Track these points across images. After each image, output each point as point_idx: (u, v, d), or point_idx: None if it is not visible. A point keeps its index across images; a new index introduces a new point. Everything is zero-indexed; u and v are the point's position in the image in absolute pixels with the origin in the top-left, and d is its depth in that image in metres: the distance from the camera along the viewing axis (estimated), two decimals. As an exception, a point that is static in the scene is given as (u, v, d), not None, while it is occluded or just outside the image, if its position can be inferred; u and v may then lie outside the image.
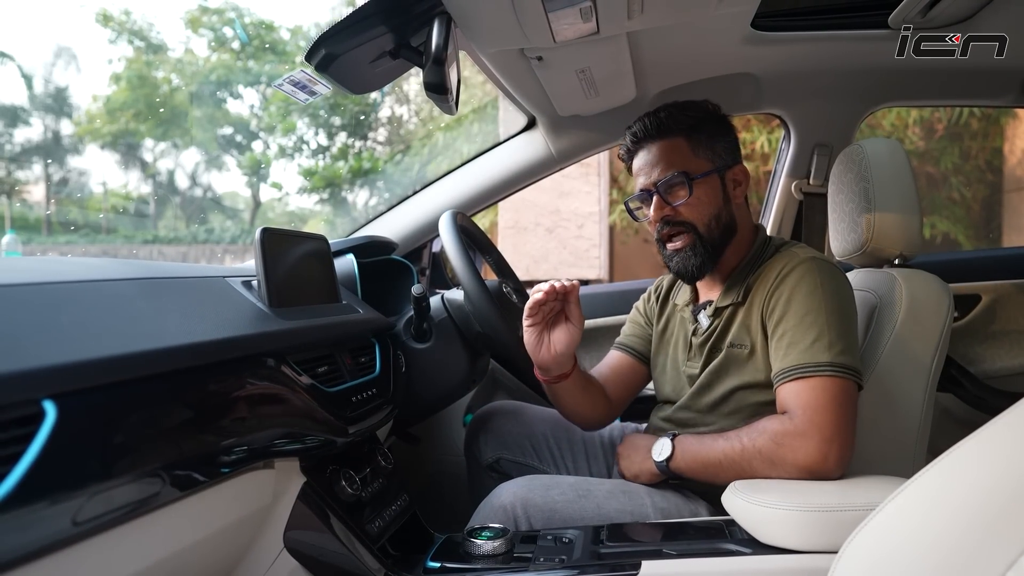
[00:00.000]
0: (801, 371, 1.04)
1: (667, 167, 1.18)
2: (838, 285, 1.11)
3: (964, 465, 0.54)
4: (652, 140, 1.20)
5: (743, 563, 0.90)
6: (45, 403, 0.55)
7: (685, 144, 1.18)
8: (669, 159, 1.18)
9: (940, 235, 5.82)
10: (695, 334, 1.23)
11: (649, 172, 1.19)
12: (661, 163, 1.18)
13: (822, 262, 1.13)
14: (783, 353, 1.07)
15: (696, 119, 1.20)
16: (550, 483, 1.15)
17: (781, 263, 1.13)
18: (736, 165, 1.22)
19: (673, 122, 1.19)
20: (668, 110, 1.20)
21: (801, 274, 1.10)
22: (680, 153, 1.18)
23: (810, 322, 1.06)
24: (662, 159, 1.18)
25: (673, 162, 1.18)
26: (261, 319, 0.90)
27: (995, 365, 1.78)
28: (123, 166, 8.75)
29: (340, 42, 1.04)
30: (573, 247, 6.24)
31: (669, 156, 1.18)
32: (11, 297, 0.65)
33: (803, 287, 1.08)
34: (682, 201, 1.17)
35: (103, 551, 0.61)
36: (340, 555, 0.93)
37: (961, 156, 6.01)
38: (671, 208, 1.18)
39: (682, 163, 1.17)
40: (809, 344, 1.04)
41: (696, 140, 1.19)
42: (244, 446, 0.77)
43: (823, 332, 1.04)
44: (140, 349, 0.66)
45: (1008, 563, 0.45)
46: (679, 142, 1.18)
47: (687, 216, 1.17)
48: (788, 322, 1.08)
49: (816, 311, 1.06)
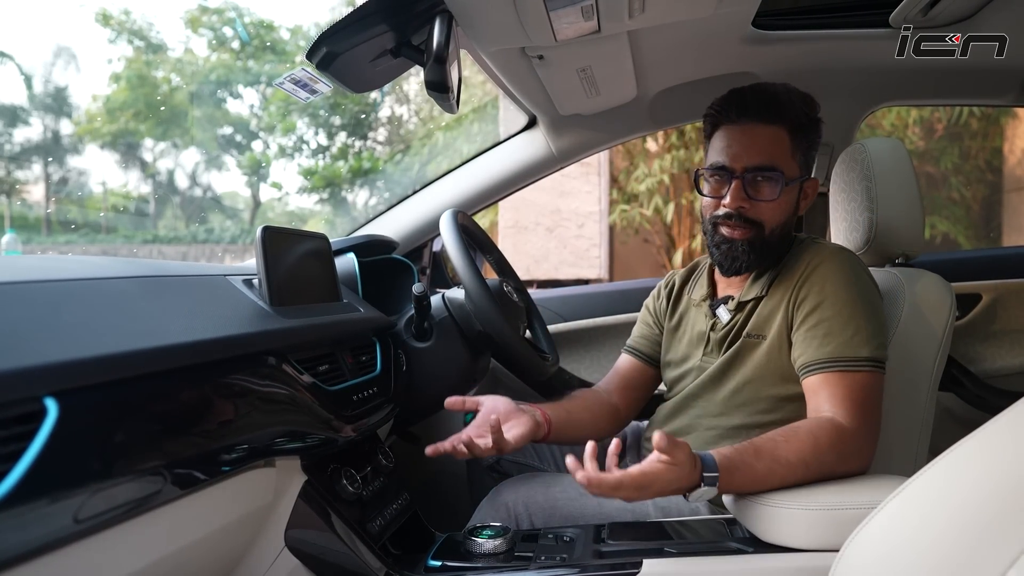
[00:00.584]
0: (842, 364, 1.01)
1: (764, 156, 1.09)
2: (870, 278, 1.11)
3: (965, 464, 0.55)
4: (756, 120, 1.10)
5: (744, 562, 0.90)
6: (47, 400, 0.55)
7: (787, 140, 1.10)
8: (769, 149, 1.09)
9: (940, 235, 5.83)
10: (714, 329, 1.21)
11: (741, 153, 1.10)
12: (759, 150, 1.09)
13: (851, 254, 1.12)
14: (819, 342, 1.04)
15: (804, 118, 1.12)
16: (550, 482, 1.15)
17: (808, 255, 1.12)
18: (812, 179, 1.18)
19: (785, 111, 1.10)
20: (785, 93, 1.10)
21: (835, 265, 1.08)
22: (781, 147, 1.10)
23: (849, 314, 1.04)
24: (763, 145, 1.09)
25: (773, 154, 1.09)
26: (262, 318, 0.90)
27: (996, 364, 1.78)
28: (123, 166, 8.75)
29: (341, 40, 1.03)
30: (573, 246, 6.24)
31: (770, 146, 1.09)
32: (13, 295, 0.65)
33: (838, 277, 1.07)
34: (767, 199, 1.10)
35: (105, 549, 0.61)
36: (341, 554, 0.93)
37: (961, 156, 6.01)
38: (750, 201, 1.11)
39: (780, 159, 1.10)
40: (849, 337, 1.02)
41: (797, 140, 1.12)
42: (245, 444, 0.76)
43: (862, 326, 1.03)
44: (141, 347, 0.66)
45: (1010, 561, 0.45)
46: (782, 135, 1.10)
47: (762, 215, 1.11)
48: (824, 311, 1.05)
49: (854, 303, 1.04)
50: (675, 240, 6.18)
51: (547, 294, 2.07)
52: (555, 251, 6.24)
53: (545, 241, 6.24)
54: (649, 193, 5.90)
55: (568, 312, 1.92)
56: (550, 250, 6.24)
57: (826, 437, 0.96)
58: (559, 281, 6.09)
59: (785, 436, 0.95)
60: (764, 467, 0.92)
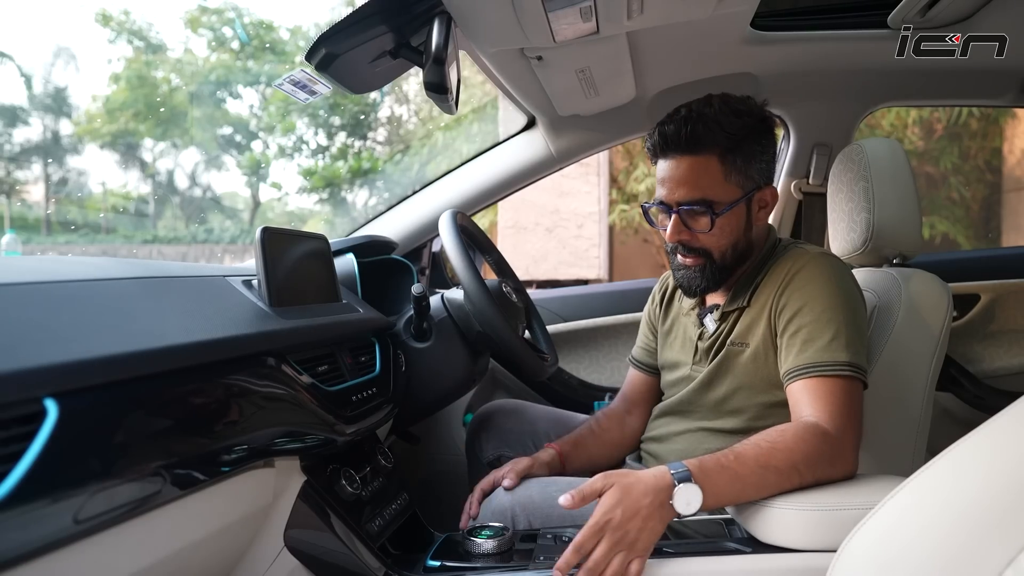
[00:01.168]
0: (820, 369, 1.01)
1: (692, 190, 1.09)
2: (852, 283, 1.11)
3: (962, 464, 0.55)
4: (682, 152, 1.10)
5: (742, 562, 0.90)
6: (47, 401, 0.55)
7: (718, 166, 1.09)
8: (696, 181, 1.09)
9: (939, 235, 5.83)
10: (701, 338, 1.22)
11: (672, 189, 1.11)
12: (687, 183, 1.09)
13: (833, 258, 1.12)
14: (798, 349, 1.04)
15: (737, 137, 1.08)
16: (549, 482, 1.15)
17: (789, 261, 1.12)
18: (767, 187, 1.14)
19: (710, 139, 1.08)
20: (706, 122, 1.08)
21: (815, 270, 1.08)
22: (710, 176, 1.09)
23: (827, 319, 1.03)
24: (689, 179, 1.09)
25: (700, 186, 1.09)
26: (261, 318, 0.90)
27: (994, 364, 1.79)
28: (122, 166, 8.75)
29: (340, 42, 1.04)
30: (573, 247, 6.24)
31: (697, 178, 1.09)
32: (12, 296, 0.65)
33: (818, 282, 1.07)
34: (702, 230, 1.11)
35: (104, 549, 0.61)
36: (340, 554, 0.93)
37: (960, 156, 6.01)
38: (689, 234, 1.12)
39: (710, 188, 1.09)
40: (828, 342, 1.02)
41: (730, 163, 1.09)
42: (245, 445, 0.77)
43: (840, 330, 1.03)
44: (141, 348, 0.66)
45: (1007, 560, 0.45)
46: (711, 163, 1.09)
47: (704, 244, 1.13)
48: (804, 317, 1.05)
49: (833, 308, 1.04)
50: (675, 240, 6.17)
51: (546, 294, 2.07)
52: (554, 251, 6.24)
53: (544, 241, 6.24)
54: (649, 193, 5.91)
55: (567, 312, 1.92)
56: (549, 250, 6.24)
57: (809, 436, 0.94)
58: (558, 281, 6.10)
59: (767, 438, 0.94)
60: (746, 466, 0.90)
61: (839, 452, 0.96)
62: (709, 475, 0.88)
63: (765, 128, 1.13)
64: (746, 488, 0.90)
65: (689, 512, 0.86)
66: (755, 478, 0.89)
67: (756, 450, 0.92)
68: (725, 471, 0.89)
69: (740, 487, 0.89)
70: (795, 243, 1.20)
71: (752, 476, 0.89)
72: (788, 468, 0.91)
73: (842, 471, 0.96)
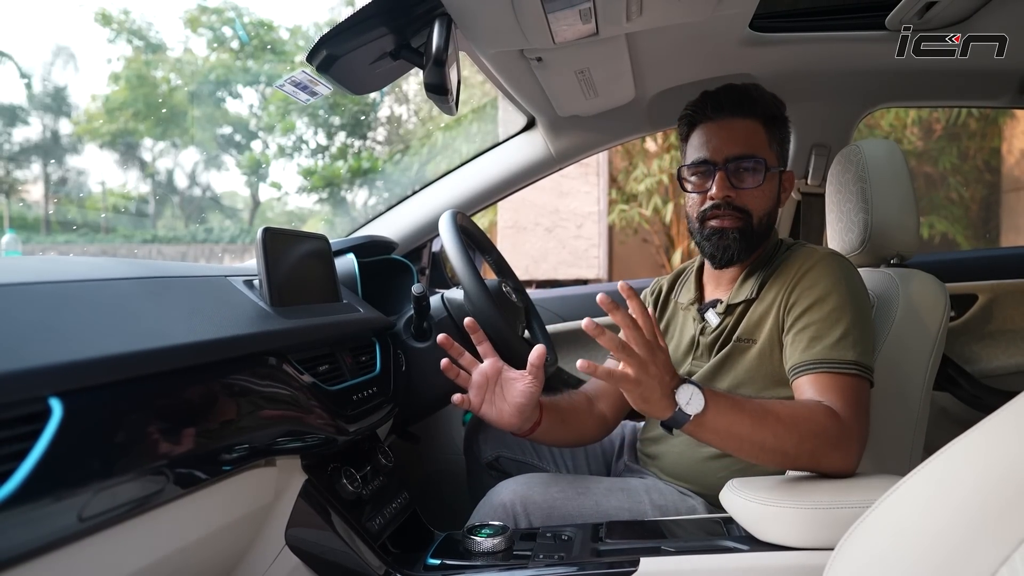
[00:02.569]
0: (828, 366, 1.02)
1: (745, 147, 1.14)
2: (860, 283, 1.12)
3: (958, 463, 0.55)
4: (732, 115, 1.16)
5: (740, 560, 0.91)
6: (51, 401, 0.56)
7: (763, 131, 1.16)
8: (747, 139, 1.15)
9: (938, 235, 5.84)
10: (703, 333, 1.22)
11: (720, 146, 1.15)
12: (739, 141, 1.14)
13: (842, 258, 1.14)
14: (806, 345, 1.05)
15: (775, 112, 1.18)
16: (549, 481, 1.15)
17: (800, 259, 1.13)
18: (789, 171, 1.23)
19: (757, 104, 1.16)
20: (755, 89, 1.17)
21: (825, 269, 1.10)
22: (758, 138, 1.16)
23: (836, 318, 1.05)
24: (740, 137, 1.15)
25: (752, 144, 1.15)
26: (263, 318, 0.91)
27: (991, 364, 1.79)
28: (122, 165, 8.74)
29: (341, 43, 1.04)
30: (572, 247, 6.24)
31: (748, 136, 1.15)
32: (16, 296, 0.66)
33: (829, 281, 1.08)
34: (751, 186, 1.14)
35: (108, 547, 0.61)
36: (341, 552, 0.94)
37: (959, 156, 6.03)
38: (735, 190, 1.15)
39: (761, 148, 1.15)
40: (836, 340, 1.03)
41: (772, 132, 1.17)
42: (247, 444, 0.77)
43: (849, 330, 1.04)
44: (144, 348, 0.67)
45: (1001, 559, 0.45)
46: (758, 127, 1.16)
47: (748, 203, 1.15)
48: (813, 315, 1.06)
49: (843, 307, 1.06)
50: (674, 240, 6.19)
51: (546, 294, 2.08)
52: (554, 251, 6.25)
53: (544, 241, 6.24)
54: (648, 193, 5.92)
55: (567, 312, 1.93)
56: (549, 250, 6.25)
57: (818, 409, 0.97)
58: (558, 281, 6.10)
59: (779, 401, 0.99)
60: (750, 403, 0.95)
61: (843, 438, 0.96)
62: (715, 394, 0.93)
63: (788, 123, 1.23)
64: (743, 418, 0.93)
65: (687, 407, 0.90)
66: (756, 413, 0.93)
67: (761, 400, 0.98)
68: (729, 398, 0.94)
69: (739, 415, 0.93)
70: (802, 243, 1.22)
71: (754, 410, 0.94)
72: (788, 421, 0.94)
73: (842, 461, 0.96)
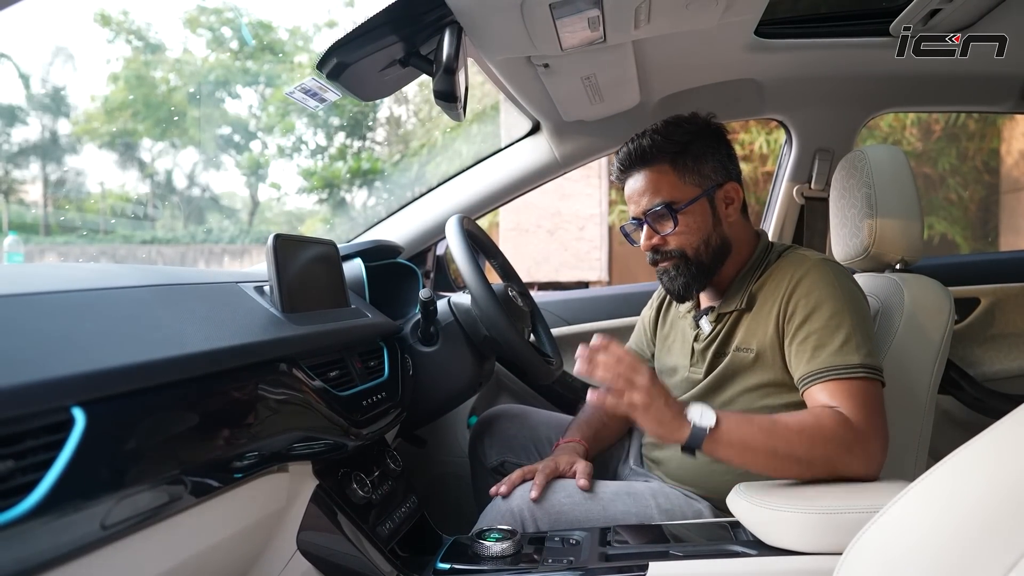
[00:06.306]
0: (835, 373, 1.03)
1: (652, 197, 1.18)
2: (855, 286, 1.13)
3: (967, 469, 0.56)
4: (637, 168, 1.20)
5: (748, 564, 0.91)
6: (74, 410, 0.57)
7: (671, 171, 1.18)
8: (655, 188, 1.18)
9: (937, 236, 5.86)
10: (697, 340, 1.25)
11: (637, 201, 1.20)
12: (647, 192, 1.18)
13: (835, 264, 1.14)
14: (809, 355, 1.06)
15: (682, 143, 1.18)
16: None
17: (791, 267, 1.14)
18: (727, 183, 1.20)
19: (657, 149, 1.18)
20: (652, 136, 1.19)
21: (818, 276, 1.10)
22: (666, 181, 1.18)
23: (836, 324, 1.05)
24: (648, 188, 1.18)
25: (659, 191, 1.17)
26: (275, 325, 0.91)
27: (994, 367, 1.80)
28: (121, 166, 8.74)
29: (352, 51, 1.05)
30: (574, 249, 6.25)
31: (655, 185, 1.18)
32: (35, 306, 0.66)
33: (823, 289, 1.09)
34: (669, 231, 1.18)
35: (129, 553, 0.62)
36: (351, 557, 0.94)
37: (958, 157, 6.04)
38: (659, 237, 1.19)
39: (668, 191, 1.17)
40: (839, 346, 1.04)
41: (682, 165, 1.18)
42: (261, 450, 0.78)
43: (851, 334, 1.05)
44: (163, 356, 0.67)
45: (1010, 564, 0.46)
46: (664, 169, 1.18)
47: (675, 245, 1.19)
48: (813, 324, 1.07)
49: (841, 313, 1.06)
50: (674, 241, 6.19)
51: (549, 297, 2.08)
52: (556, 253, 6.26)
53: (546, 243, 6.25)
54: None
55: (570, 315, 1.93)
56: (551, 252, 6.26)
57: (826, 415, 0.99)
58: (560, 283, 6.11)
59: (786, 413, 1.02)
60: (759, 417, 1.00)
61: (857, 442, 0.97)
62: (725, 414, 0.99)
63: (711, 132, 1.21)
64: (754, 429, 0.97)
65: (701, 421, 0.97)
66: (764, 423, 0.98)
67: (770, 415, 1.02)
68: (735, 412, 1.01)
69: (749, 426, 0.98)
70: (792, 248, 1.22)
71: (762, 421, 0.99)
72: (796, 428, 0.97)
73: (861, 465, 0.97)
